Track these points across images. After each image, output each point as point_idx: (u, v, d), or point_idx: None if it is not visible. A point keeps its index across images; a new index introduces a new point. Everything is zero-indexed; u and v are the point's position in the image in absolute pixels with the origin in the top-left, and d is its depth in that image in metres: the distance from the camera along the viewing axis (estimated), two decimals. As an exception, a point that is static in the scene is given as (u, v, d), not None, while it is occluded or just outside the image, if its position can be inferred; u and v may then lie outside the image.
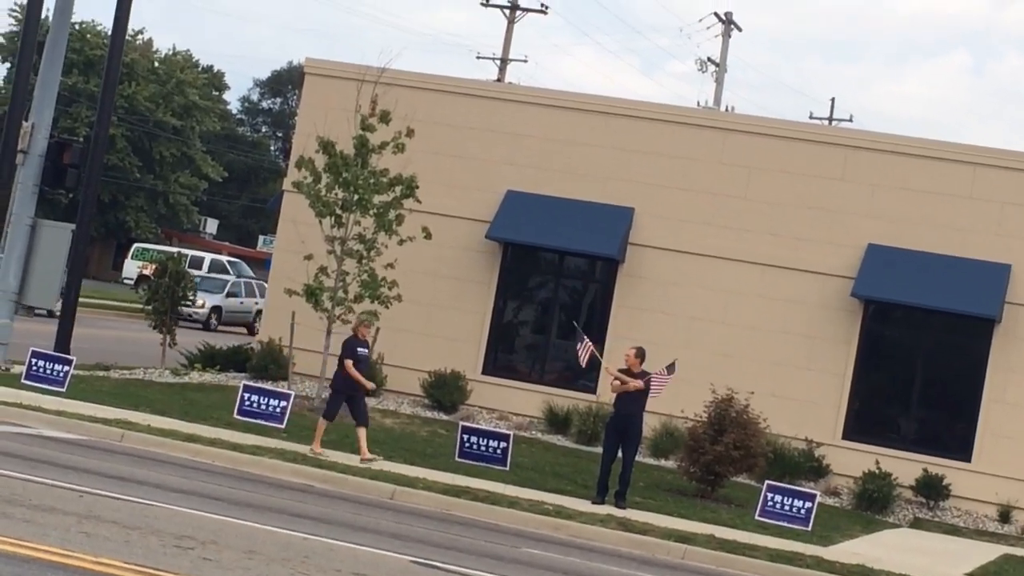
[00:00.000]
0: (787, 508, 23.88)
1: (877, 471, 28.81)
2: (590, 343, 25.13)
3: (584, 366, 26.04)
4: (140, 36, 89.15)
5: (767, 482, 24.65)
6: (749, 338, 31.29)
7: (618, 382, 23.85)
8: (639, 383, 23.66)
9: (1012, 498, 29.23)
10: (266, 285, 63.02)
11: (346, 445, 25.48)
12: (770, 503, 23.92)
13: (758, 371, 30.70)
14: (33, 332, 33.79)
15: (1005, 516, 29.06)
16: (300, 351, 30.99)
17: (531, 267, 33.76)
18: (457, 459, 25.14)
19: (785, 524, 23.50)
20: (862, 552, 22.33)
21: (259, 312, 58.27)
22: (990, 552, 25.47)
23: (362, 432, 24.31)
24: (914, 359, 31.13)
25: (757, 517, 23.74)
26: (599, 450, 25.24)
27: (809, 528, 23.52)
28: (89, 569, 12.53)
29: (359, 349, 24.78)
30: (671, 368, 24.08)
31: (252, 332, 55.66)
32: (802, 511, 23.79)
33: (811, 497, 24.09)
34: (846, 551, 22.40)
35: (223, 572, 13.45)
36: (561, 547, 19.66)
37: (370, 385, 24.87)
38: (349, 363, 24.44)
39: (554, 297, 33.43)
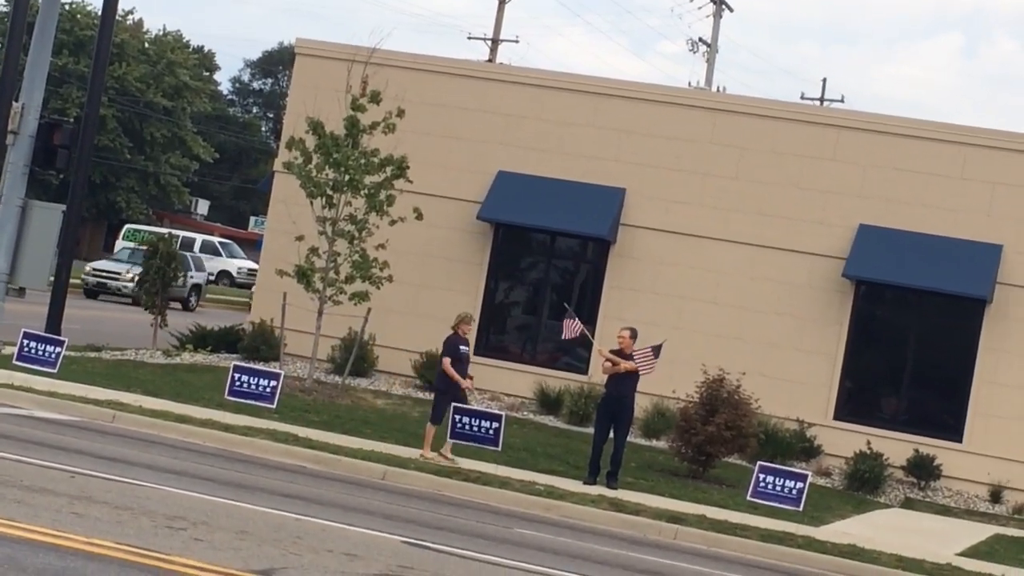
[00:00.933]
0: (779, 489, 23.88)
1: (868, 451, 28.86)
2: (580, 324, 25.13)
3: (564, 338, 25.95)
4: (130, 16, 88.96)
5: (759, 463, 24.64)
6: (740, 318, 31.30)
7: (609, 363, 23.86)
8: (631, 364, 23.66)
9: (1003, 478, 29.28)
10: (203, 258, 62.44)
11: (336, 426, 25.48)
12: (762, 484, 23.91)
13: (749, 351, 30.72)
14: (24, 313, 33.71)
15: (996, 496, 29.12)
16: (291, 332, 30.96)
17: (522, 248, 33.74)
18: (449, 440, 25.11)
19: (776, 505, 23.50)
20: (853, 532, 22.36)
21: (195, 287, 56.34)
22: (981, 532, 25.52)
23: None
24: (905, 339, 31.14)
25: (749, 498, 23.73)
26: (591, 430, 25.25)
27: (800, 508, 23.52)
28: (81, 550, 12.52)
29: (461, 347, 23.98)
30: (657, 350, 24.08)
31: (187, 307, 54.12)
32: (793, 491, 23.79)
33: (803, 478, 24.09)
34: (837, 531, 22.43)
35: (214, 553, 13.44)
36: (553, 527, 19.67)
37: (465, 383, 23.84)
38: (447, 361, 23.74)
39: (545, 278, 33.42)
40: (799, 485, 23.91)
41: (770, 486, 23.94)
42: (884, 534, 22.83)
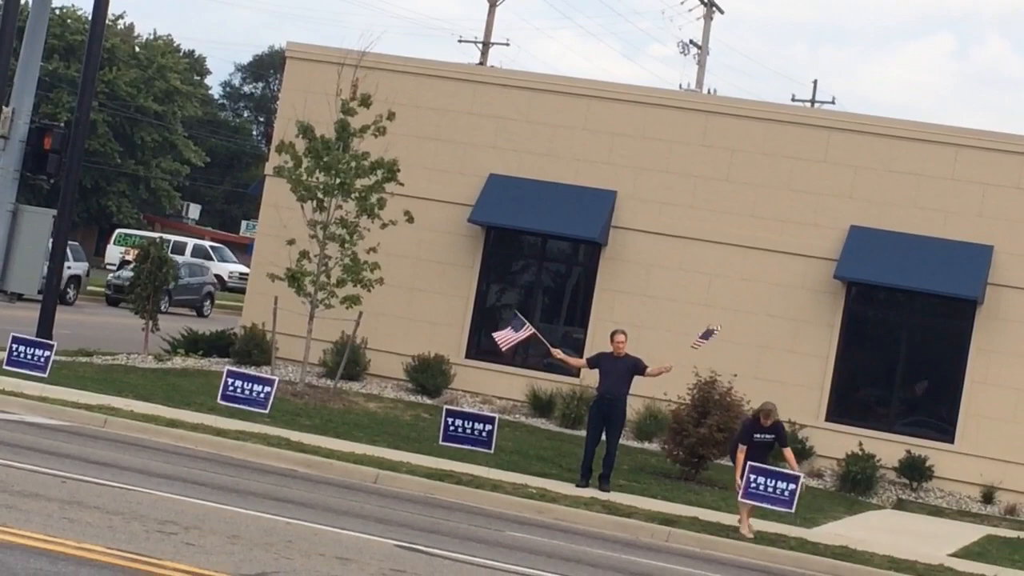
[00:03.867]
0: (771, 490, 23.83)
1: (860, 453, 28.87)
2: (532, 328, 24.64)
3: (503, 350, 26.15)
4: (121, 21, 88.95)
5: (750, 463, 24.59)
6: (732, 320, 31.25)
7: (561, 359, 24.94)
8: (581, 361, 24.76)
9: (995, 479, 29.29)
10: (80, 249, 59.46)
11: (328, 429, 25.44)
12: (753, 485, 23.87)
13: (741, 353, 30.69)
14: (15, 318, 33.71)
15: (988, 497, 29.13)
16: (283, 336, 30.93)
17: (514, 251, 33.73)
18: (441, 443, 25.06)
19: (768, 506, 23.46)
20: (846, 533, 22.37)
21: (73, 278, 51.17)
22: (973, 533, 25.53)
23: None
24: (897, 341, 31.16)
25: (740, 499, 23.69)
26: (583, 433, 25.26)
27: (793, 510, 23.49)
28: (72, 555, 12.50)
29: (755, 436, 22.18)
30: (707, 335, 24.25)
31: (63, 302, 49.16)
32: (786, 493, 23.75)
33: (795, 479, 24.06)
34: (830, 533, 22.44)
35: (206, 557, 13.43)
36: (545, 530, 19.66)
37: (739, 482, 21.63)
38: (741, 450, 22.11)
39: (537, 280, 33.40)
40: (791, 487, 23.85)
41: (762, 487, 23.89)
42: (876, 535, 22.84)
